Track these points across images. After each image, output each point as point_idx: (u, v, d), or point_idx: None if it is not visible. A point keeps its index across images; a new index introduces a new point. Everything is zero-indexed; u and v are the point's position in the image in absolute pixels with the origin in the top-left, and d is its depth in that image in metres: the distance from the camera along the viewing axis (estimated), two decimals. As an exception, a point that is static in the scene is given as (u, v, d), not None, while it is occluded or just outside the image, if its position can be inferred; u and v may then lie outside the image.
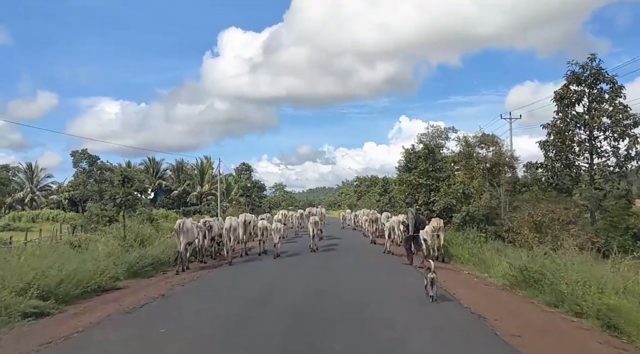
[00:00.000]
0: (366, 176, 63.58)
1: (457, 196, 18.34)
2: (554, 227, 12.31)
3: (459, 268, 12.50)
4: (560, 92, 18.87)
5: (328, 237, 26.62)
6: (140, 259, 11.27)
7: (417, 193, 22.39)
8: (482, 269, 11.02)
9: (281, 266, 14.72)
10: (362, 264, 15.30)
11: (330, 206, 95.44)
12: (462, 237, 16.49)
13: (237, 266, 14.83)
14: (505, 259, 10.11)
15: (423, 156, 22.73)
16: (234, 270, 13.89)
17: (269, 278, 12.09)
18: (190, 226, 15.48)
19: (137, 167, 66.63)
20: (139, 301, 8.59)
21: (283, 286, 10.56)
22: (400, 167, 42.42)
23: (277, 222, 18.09)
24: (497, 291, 8.93)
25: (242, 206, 41.93)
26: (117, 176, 17.93)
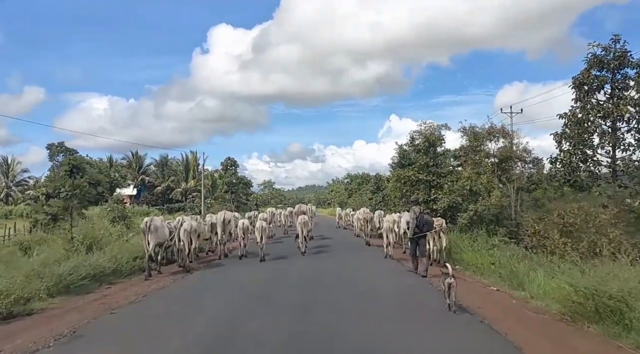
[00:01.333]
0: (357, 173, 61.58)
1: (462, 194, 16.33)
2: (588, 230, 10.35)
3: (477, 279, 10.40)
4: (579, 78, 16.89)
5: (319, 237, 24.60)
6: (75, 269, 8.84)
7: (416, 190, 20.39)
8: (513, 284, 8.89)
9: (262, 275, 12.56)
10: (359, 271, 13.24)
11: (320, 204, 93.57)
12: (470, 240, 14.54)
13: (206, 274, 12.57)
14: (541, 270, 8.13)
15: (423, 149, 20.70)
16: (200, 281, 11.51)
17: (245, 295, 9.22)
18: (160, 224, 13.31)
19: (119, 162, 64.08)
20: (28, 347, 5.81)
21: (260, 313, 7.68)
22: (394, 164, 40.73)
23: (261, 221, 15.93)
24: (554, 323, 6.63)
25: (227, 203, 39.61)
26: (64, 165, 15.51)
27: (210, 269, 13.63)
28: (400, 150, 41.25)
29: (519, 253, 10.56)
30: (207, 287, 10.48)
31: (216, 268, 14.10)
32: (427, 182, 20.07)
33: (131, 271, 11.61)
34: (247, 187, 42.43)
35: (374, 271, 13.00)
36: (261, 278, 11.69)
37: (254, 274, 12.45)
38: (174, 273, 12.73)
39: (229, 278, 11.66)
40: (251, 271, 13.19)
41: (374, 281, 10.67)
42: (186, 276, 11.90)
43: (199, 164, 64.44)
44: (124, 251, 11.80)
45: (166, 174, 62.33)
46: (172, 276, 12.04)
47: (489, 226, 15.17)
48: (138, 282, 10.89)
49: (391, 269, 13.52)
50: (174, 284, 10.72)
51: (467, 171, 16.82)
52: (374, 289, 9.64)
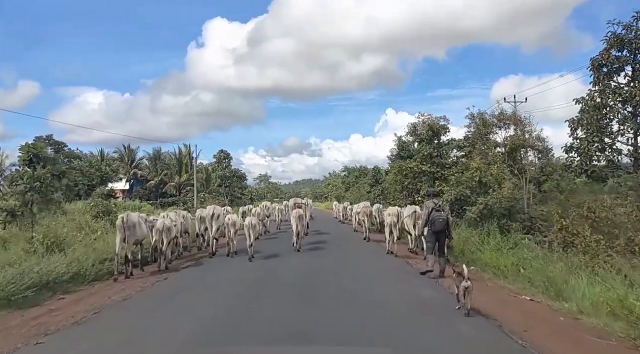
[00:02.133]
0: (355, 166, 60.25)
1: (471, 185, 15.02)
2: (623, 226, 9.07)
3: (501, 284, 8.95)
4: (598, 59, 15.50)
5: (315, 232, 23.26)
6: (19, 277, 7.38)
7: (419, 182, 19.10)
8: (549, 293, 7.43)
9: (251, 275, 11.22)
10: (360, 269, 11.94)
11: (316, 198, 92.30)
12: (480, 235, 13.24)
13: (183, 279, 11.07)
14: (584, 275, 6.80)
15: (426, 139, 19.36)
16: (172, 289, 9.68)
17: (222, 311, 7.39)
18: (137, 221, 11.96)
19: (111, 155, 62.46)
20: None
21: (242, 326, 6.34)
22: (393, 156, 39.42)
23: (250, 218, 14.58)
24: (625, 352, 5.05)
25: (220, 197, 38.19)
26: (23, 155, 14.04)
27: (191, 272, 12.24)
28: (399, 142, 40.04)
29: (550, 254, 9.15)
30: (178, 297, 8.69)
31: (198, 269, 12.72)
32: (430, 174, 18.79)
33: (97, 275, 10.05)
34: (241, 181, 40.92)
35: (377, 272, 11.69)
36: (248, 282, 10.29)
37: (240, 277, 11.08)
38: (146, 277, 11.34)
39: (207, 285, 10.06)
40: (237, 273, 11.81)
41: (378, 287, 9.26)
42: (158, 283, 10.31)
43: (193, 158, 63.16)
44: (90, 252, 10.28)
45: (159, 168, 60.73)
46: (143, 280, 10.62)
47: (500, 220, 13.86)
48: (101, 289, 9.27)
49: (395, 268, 12.25)
50: (140, 293, 9.06)
51: (477, 161, 15.51)
52: (378, 298, 8.25)
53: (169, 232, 12.45)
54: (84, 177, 53.20)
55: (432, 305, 7.65)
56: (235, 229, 14.31)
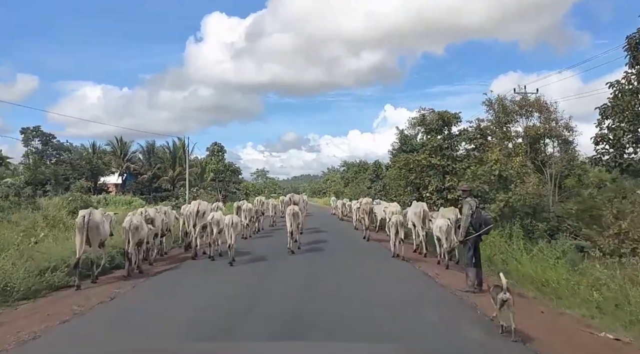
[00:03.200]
0: (354, 161, 58.37)
1: (489, 180, 13.20)
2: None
3: (555, 308, 6.95)
4: (635, 37, 13.67)
5: (312, 230, 21.48)
6: None
7: (427, 177, 17.29)
8: (625, 326, 5.60)
9: (230, 287, 9.37)
10: (365, 282, 10.09)
11: (315, 194, 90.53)
12: (500, 238, 11.47)
13: (147, 291, 9.17)
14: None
15: (436, 129, 17.51)
16: (123, 310, 7.47)
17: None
18: (101, 219, 10.13)
19: (103, 148, 60.42)
20: None
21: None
22: (394, 150, 37.58)
23: (231, 216, 12.74)
24: None
25: (213, 192, 36.31)
26: None
27: (162, 279, 10.41)
28: (401, 135, 38.19)
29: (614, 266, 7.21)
30: (126, 325, 6.50)
31: (172, 275, 10.91)
32: (440, 167, 16.96)
33: (28, 293, 7.73)
34: (235, 175, 38.94)
35: (385, 280, 9.90)
36: (222, 299, 8.22)
37: (216, 291, 9.17)
38: (108, 284, 9.54)
39: (174, 303, 8.05)
40: (215, 284, 9.90)
41: (396, 314, 7.30)
42: (113, 300, 8.14)
43: (188, 151, 61.15)
44: (23, 260, 8.23)
45: (152, 162, 58.75)
46: (97, 291, 8.75)
47: (523, 220, 12.05)
48: (26, 312, 6.97)
49: (407, 275, 10.48)
50: (72, 320, 6.61)
51: (496, 153, 13.68)
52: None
53: (136, 232, 10.61)
54: (74, 170, 51.30)
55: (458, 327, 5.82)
56: (220, 228, 12.50)
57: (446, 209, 14.32)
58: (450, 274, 10.78)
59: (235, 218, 12.22)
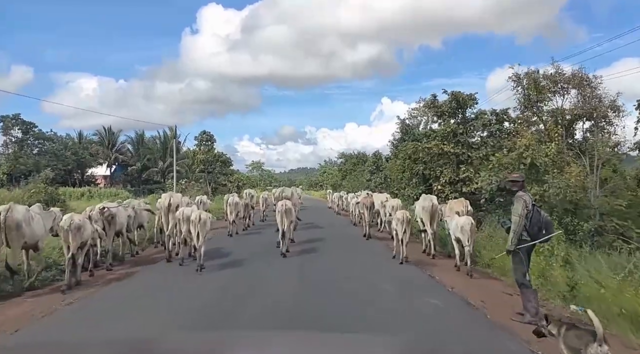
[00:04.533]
0: (352, 153, 56.05)
1: (519, 169, 10.96)
2: None
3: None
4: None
5: (308, 226, 19.37)
6: None
7: (438, 167, 15.04)
8: None
9: (194, 305, 7.15)
10: (366, 294, 7.91)
11: (311, 186, 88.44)
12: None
13: (85, 309, 6.98)
14: None
15: (449, 112, 15.23)
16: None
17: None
18: (25, 217, 7.88)
19: (90, 138, 57.92)
20: None
21: None
22: (396, 140, 35.30)
23: (200, 211, 10.42)
24: None
25: (201, 185, 33.94)
26: None
27: (109, 293, 8.15)
28: (402, 125, 35.85)
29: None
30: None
31: (124, 287, 8.66)
32: (453, 156, 14.71)
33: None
34: (226, 166, 36.54)
35: (390, 294, 7.72)
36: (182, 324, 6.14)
37: (178, 309, 6.97)
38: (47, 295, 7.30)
39: (111, 331, 5.87)
40: (178, 298, 7.72)
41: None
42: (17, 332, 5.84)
43: (180, 142, 58.72)
44: None
45: (141, 153, 56.30)
46: (10, 314, 6.54)
47: (562, 218, 9.82)
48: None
49: (419, 286, 8.32)
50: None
51: (527, 137, 11.40)
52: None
53: (78, 233, 8.33)
54: (58, 161, 48.85)
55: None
56: (189, 226, 10.25)
57: (454, 201, 12.33)
58: (470, 284, 8.67)
59: (203, 214, 9.93)
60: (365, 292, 8.03)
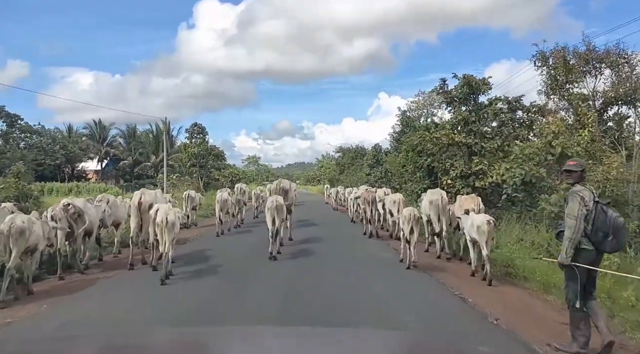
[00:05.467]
0: (350, 147, 54.43)
1: (546, 161, 9.39)
2: None
3: None
4: None
5: (304, 224, 17.98)
6: None
7: (448, 159, 13.49)
8: None
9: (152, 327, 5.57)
10: (369, 308, 6.39)
11: (308, 181, 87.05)
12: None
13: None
14: None
15: (460, 98, 13.65)
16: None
17: None
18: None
19: (80, 132, 56.16)
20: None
21: None
22: (396, 133, 33.76)
23: (168, 212, 8.73)
24: None
25: (192, 179, 32.26)
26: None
27: (54, 313, 6.58)
28: (403, 117, 34.24)
29: None
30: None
31: (76, 301, 7.13)
32: (465, 146, 13.15)
33: None
34: (219, 160, 34.82)
35: (399, 309, 6.21)
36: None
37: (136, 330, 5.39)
38: None
39: None
40: (143, 315, 6.20)
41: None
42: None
43: (173, 136, 56.99)
44: None
45: (133, 147, 54.60)
46: None
47: (600, 217, 8.26)
48: None
49: (434, 299, 6.83)
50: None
51: (556, 123, 9.79)
52: None
53: (21, 238, 6.77)
54: (46, 156, 47.11)
55: None
56: (162, 228, 8.67)
57: (465, 197, 11.09)
58: (492, 295, 7.24)
59: (171, 215, 8.32)
60: (369, 308, 6.50)
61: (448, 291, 7.82)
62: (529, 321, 5.94)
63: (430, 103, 40.83)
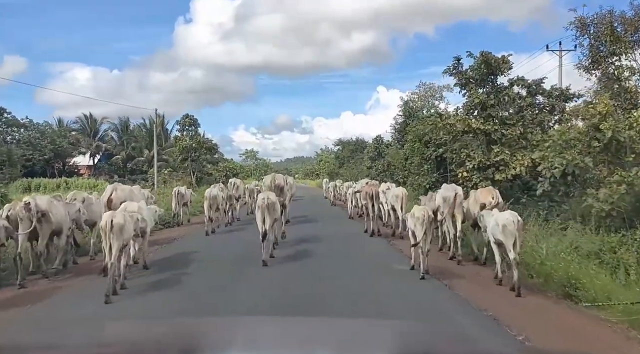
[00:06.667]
0: (350, 139, 52.88)
1: (591, 149, 7.82)
2: None
3: None
4: None
5: (300, 220, 16.92)
6: None
7: (464, 149, 11.94)
8: None
9: None
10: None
11: (307, 176, 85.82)
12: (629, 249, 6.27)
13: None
14: None
15: (477, 79, 12.07)
16: None
17: None
18: None
19: (70, 125, 54.37)
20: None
21: None
22: (398, 125, 32.17)
23: (112, 214, 7.05)
24: None
25: (183, 174, 30.59)
26: None
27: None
28: (405, 107, 32.55)
29: None
30: None
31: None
32: (483, 134, 11.58)
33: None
34: (211, 153, 33.13)
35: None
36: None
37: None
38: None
39: None
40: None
41: None
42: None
43: (167, 130, 55.31)
44: None
45: (125, 141, 52.86)
46: None
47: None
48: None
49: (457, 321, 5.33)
50: None
51: (604, 102, 8.19)
52: None
53: None
54: (34, 150, 45.42)
55: None
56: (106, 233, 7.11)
57: (480, 191, 9.70)
58: (524, 311, 5.97)
59: (118, 218, 6.70)
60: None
61: (470, 307, 6.34)
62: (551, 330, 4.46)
63: (431, 94, 39.43)
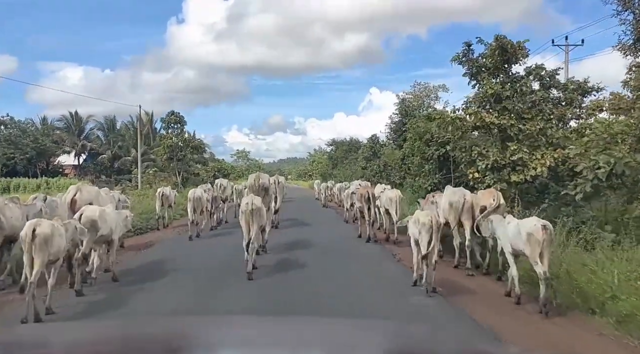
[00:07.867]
0: (344, 140, 51.60)
1: (637, 145, 6.49)
2: None
3: None
4: None
5: (291, 224, 15.80)
6: None
7: (476, 147, 10.60)
8: None
9: None
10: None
11: (300, 177, 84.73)
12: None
13: None
14: None
15: (491, 67, 10.73)
16: None
17: None
18: None
19: (54, 124, 52.49)
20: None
21: None
22: (394, 123, 30.81)
23: (33, 225, 5.49)
24: None
25: (166, 175, 28.97)
26: None
27: None
28: (401, 105, 31.15)
29: None
30: None
31: None
32: (497, 129, 10.26)
33: None
34: (198, 153, 31.42)
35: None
36: None
37: None
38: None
39: None
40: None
41: None
42: None
43: (156, 129, 53.54)
44: None
45: (112, 140, 51.08)
46: None
47: None
48: None
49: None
50: None
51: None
52: None
53: None
54: (15, 149, 43.61)
55: None
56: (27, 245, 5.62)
57: (481, 192, 9.00)
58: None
59: (43, 226, 5.23)
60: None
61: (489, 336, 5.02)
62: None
63: (427, 94, 38.23)
